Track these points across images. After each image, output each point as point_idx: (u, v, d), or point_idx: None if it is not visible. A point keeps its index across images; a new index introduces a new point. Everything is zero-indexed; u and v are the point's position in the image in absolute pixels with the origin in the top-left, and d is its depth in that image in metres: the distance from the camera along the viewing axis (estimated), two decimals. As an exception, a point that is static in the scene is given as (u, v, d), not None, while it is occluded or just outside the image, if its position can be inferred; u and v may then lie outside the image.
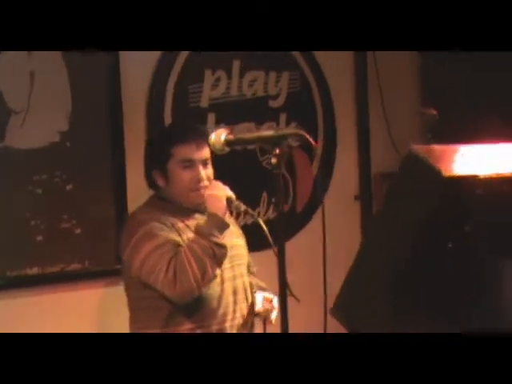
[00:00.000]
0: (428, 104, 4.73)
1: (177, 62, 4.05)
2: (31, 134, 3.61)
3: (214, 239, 2.92)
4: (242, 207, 3.02)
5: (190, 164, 3.05)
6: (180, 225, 3.04)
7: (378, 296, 2.39)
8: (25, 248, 3.61)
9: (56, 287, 3.71)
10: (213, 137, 2.54)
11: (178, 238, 2.99)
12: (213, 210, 2.97)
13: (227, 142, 2.53)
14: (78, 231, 3.73)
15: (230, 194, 3.03)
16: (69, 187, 3.71)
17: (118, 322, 3.21)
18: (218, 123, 4.16)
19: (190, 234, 3.00)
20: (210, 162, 3.09)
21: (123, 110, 3.86)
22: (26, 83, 3.60)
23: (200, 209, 3.09)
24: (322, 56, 4.50)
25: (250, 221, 4.10)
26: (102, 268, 3.77)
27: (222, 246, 2.95)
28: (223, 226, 2.98)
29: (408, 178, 2.27)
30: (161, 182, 3.11)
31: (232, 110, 4.23)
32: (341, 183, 4.64)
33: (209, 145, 2.67)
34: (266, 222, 4.00)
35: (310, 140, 2.46)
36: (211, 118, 4.16)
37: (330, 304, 2.48)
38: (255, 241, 3.14)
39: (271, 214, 4.33)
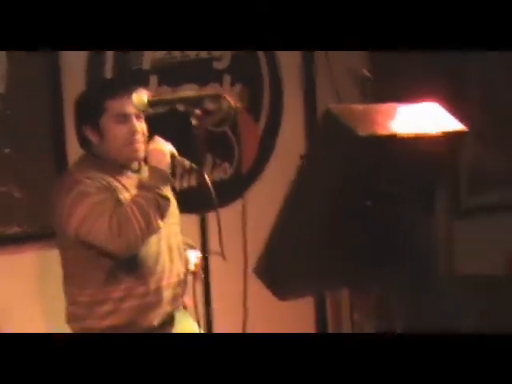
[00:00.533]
0: (376, 62, 4.74)
1: (117, 23, 4.01)
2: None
3: (159, 191, 2.92)
4: (186, 163, 3.00)
5: (123, 118, 3.03)
6: (115, 184, 3.03)
7: (301, 254, 2.40)
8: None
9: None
10: (135, 97, 2.52)
11: (115, 196, 2.98)
12: (155, 164, 2.96)
13: (150, 103, 2.51)
14: (16, 195, 3.71)
15: (173, 149, 3.02)
16: (6, 151, 3.68)
17: (58, 284, 3.21)
18: (161, 85, 4.15)
19: (126, 194, 3.00)
20: (143, 116, 3.07)
21: (61, 72, 3.82)
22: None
23: (134, 167, 3.10)
24: (266, 17, 4.47)
25: (194, 183, 4.11)
26: (42, 231, 3.75)
27: (167, 198, 2.96)
28: (167, 180, 2.97)
29: (325, 137, 2.27)
30: (94, 139, 3.07)
31: (175, 72, 4.20)
32: (287, 143, 4.63)
33: None
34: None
35: (230, 101, 2.45)
36: (153, 80, 4.13)
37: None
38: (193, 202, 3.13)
39: (216, 177, 4.33)
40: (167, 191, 3.00)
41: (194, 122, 2.49)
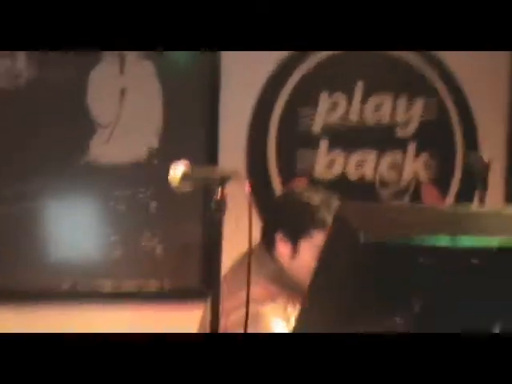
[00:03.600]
0: None
1: (288, 82, 3.86)
2: (117, 150, 3.62)
3: None
4: None
5: None
6: (290, 307, 2.62)
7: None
8: (101, 263, 3.63)
9: (132, 305, 3.69)
10: (171, 172, 2.32)
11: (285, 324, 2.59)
12: None
13: (183, 179, 2.30)
14: (159, 250, 3.69)
15: None
16: (153, 205, 3.67)
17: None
18: (332, 149, 3.93)
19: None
20: None
21: (219, 130, 3.75)
22: (115, 99, 3.62)
23: None
24: (465, 79, 4.07)
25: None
26: (182, 289, 3.69)
27: None
28: None
29: (333, 239, 1.95)
30: (284, 251, 2.67)
31: (350, 137, 3.96)
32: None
33: None
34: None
35: (245, 185, 2.16)
36: (324, 144, 3.92)
37: None
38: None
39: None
40: None
41: (212, 205, 2.23)
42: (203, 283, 3.63)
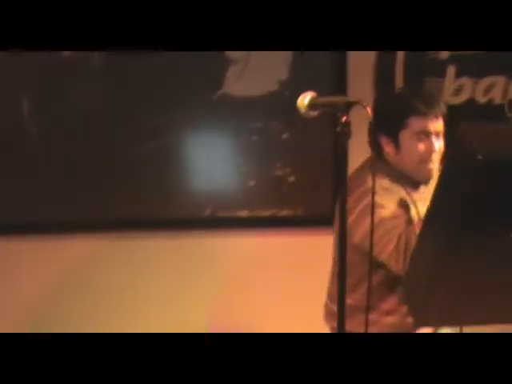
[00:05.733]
0: None
1: (415, 11, 3.90)
2: (249, 83, 3.77)
3: None
4: None
5: (424, 136, 2.88)
6: (408, 198, 2.86)
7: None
8: (236, 192, 3.82)
9: (266, 231, 3.88)
10: (299, 99, 2.46)
11: (407, 213, 2.81)
12: None
13: (310, 106, 2.44)
14: (291, 179, 3.85)
15: None
16: (284, 136, 3.82)
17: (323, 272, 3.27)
18: (459, 77, 3.96)
19: (414, 210, 2.82)
20: (442, 134, 2.89)
21: (348, 58, 3.85)
22: (246, 34, 3.76)
23: (426, 181, 2.94)
24: None
25: None
26: (314, 216, 3.84)
27: None
28: None
29: (453, 156, 2.04)
30: (389, 150, 2.94)
31: (478, 63, 3.98)
32: None
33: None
34: None
35: (368, 109, 2.28)
36: (451, 70, 3.96)
37: None
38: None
39: None
40: None
41: (337, 129, 2.35)
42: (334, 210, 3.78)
